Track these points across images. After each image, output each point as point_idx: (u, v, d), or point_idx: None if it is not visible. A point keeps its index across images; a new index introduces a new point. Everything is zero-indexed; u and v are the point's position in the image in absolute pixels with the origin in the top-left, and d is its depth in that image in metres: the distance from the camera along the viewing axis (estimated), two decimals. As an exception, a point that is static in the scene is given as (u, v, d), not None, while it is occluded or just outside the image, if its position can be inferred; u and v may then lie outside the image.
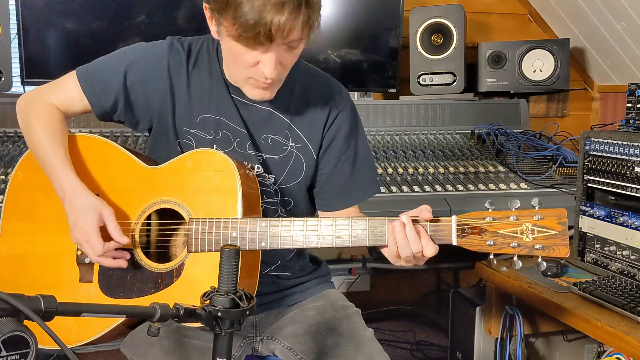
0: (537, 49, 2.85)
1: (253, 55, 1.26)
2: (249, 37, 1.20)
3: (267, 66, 1.26)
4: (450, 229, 1.23)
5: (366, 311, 1.54)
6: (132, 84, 1.44)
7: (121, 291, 1.37)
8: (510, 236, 1.21)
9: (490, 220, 1.21)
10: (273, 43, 1.22)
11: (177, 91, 1.44)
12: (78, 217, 1.33)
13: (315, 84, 1.51)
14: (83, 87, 1.46)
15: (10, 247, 1.45)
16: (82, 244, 1.33)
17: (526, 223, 1.20)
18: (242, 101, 1.45)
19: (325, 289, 1.62)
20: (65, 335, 1.34)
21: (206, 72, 1.45)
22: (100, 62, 1.49)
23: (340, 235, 1.28)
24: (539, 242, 1.20)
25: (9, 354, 0.79)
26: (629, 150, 1.81)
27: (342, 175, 1.50)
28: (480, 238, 1.21)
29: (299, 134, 1.48)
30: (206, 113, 1.45)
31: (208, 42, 1.48)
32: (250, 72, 1.31)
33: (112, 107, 1.46)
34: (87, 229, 1.32)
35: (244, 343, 1.49)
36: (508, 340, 2.08)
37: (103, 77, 1.45)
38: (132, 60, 1.45)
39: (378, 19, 2.76)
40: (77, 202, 1.34)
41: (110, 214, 1.34)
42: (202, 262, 1.33)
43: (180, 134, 1.45)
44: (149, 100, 1.45)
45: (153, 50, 1.47)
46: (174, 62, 1.44)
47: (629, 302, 1.62)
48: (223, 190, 1.34)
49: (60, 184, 1.37)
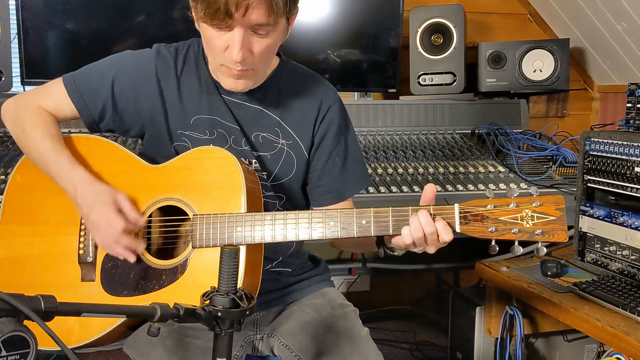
0: (537, 49, 2.85)
1: (223, 40, 1.30)
2: (212, 13, 1.24)
3: (233, 48, 1.29)
4: (453, 217, 1.24)
5: (366, 311, 1.54)
6: (120, 92, 1.46)
7: (124, 289, 1.37)
8: (511, 222, 1.23)
9: (491, 207, 1.24)
10: (234, 20, 1.25)
11: (167, 96, 1.46)
12: (93, 202, 1.34)
13: (304, 82, 1.53)
14: (70, 94, 1.47)
15: (10, 249, 1.45)
16: (101, 225, 1.34)
17: (526, 210, 1.23)
18: (233, 100, 1.47)
19: (324, 287, 1.63)
20: (66, 335, 1.34)
21: (195, 74, 1.48)
22: (88, 69, 1.50)
23: (345, 226, 1.29)
24: (539, 227, 1.22)
25: (9, 354, 0.79)
26: (629, 150, 1.81)
27: (334, 170, 1.52)
28: (482, 225, 1.24)
29: (289, 131, 1.49)
30: (199, 114, 1.46)
31: (194, 44, 1.51)
32: (222, 59, 1.34)
33: (100, 115, 1.47)
34: (105, 208, 1.33)
35: (245, 342, 1.50)
36: (508, 340, 2.08)
37: (91, 85, 1.46)
38: (119, 67, 1.47)
39: (378, 19, 2.76)
40: (90, 191, 1.36)
41: (124, 197, 1.36)
42: (207, 258, 1.33)
43: (175, 137, 1.47)
44: (138, 107, 1.47)
45: (140, 57, 1.49)
46: (162, 67, 1.46)
47: (629, 302, 1.62)
48: (227, 186, 1.35)
49: (70, 179, 1.38)
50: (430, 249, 1.27)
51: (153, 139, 1.50)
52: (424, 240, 1.24)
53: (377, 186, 2.17)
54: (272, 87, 1.48)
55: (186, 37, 1.51)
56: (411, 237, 1.24)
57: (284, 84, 1.50)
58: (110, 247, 1.35)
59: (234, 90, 1.41)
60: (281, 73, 1.50)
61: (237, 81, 1.38)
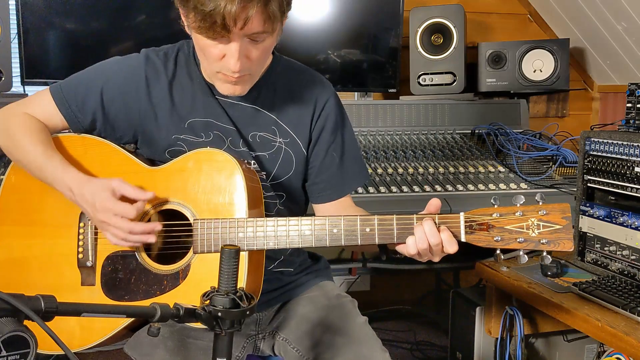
0: (537, 49, 2.84)
1: (218, 49, 1.27)
2: (207, 27, 1.21)
3: (231, 59, 1.27)
4: (458, 226, 1.24)
5: (366, 311, 1.54)
6: (109, 101, 1.44)
7: (125, 294, 1.36)
8: (517, 231, 1.22)
9: (497, 216, 1.23)
10: (232, 34, 1.23)
11: (158, 102, 1.44)
12: (94, 201, 1.31)
13: (298, 78, 1.51)
14: (58, 104, 1.44)
15: (8, 251, 1.43)
16: (110, 219, 1.30)
17: (532, 218, 1.22)
18: (227, 101, 1.45)
19: (320, 281, 1.62)
20: (69, 339, 1.34)
21: (186, 77, 1.45)
22: (75, 79, 1.47)
23: (349, 234, 1.28)
24: (545, 236, 1.21)
25: (9, 354, 0.79)
26: (629, 150, 1.81)
27: (332, 165, 1.51)
28: (487, 234, 1.23)
29: (287, 129, 1.48)
30: (193, 117, 1.44)
31: (184, 47, 1.48)
32: (218, 66, 1.32)
33: (91, 125, 1.46)
34: (108, 204, 1.30)
35: (247, 343, 1.49)
36: (508, 341, 2.08)
37: (79, 95, 1.44)
38: (108, 76, 1.45)
39: (378, 19, 2.76)
40: (87, 191, 1.33)
41: (120, 181, 1.33)
42: (209, 263, 1.32)
43: (169, 142, 1.44)
44: (129, 116, 1.45)
45: (129, 64, 1.46)
46: (151, 73, 1.44)
47: (629, 302, 1.62)
48: (227, 189, 1.34)
49: (65, 183, 1.36)
50: (435, 258, 1.26)
51: (146, 145, 1.48)
52: (429, 251, 1.23)
53: (377, 186, 2.17)
54: (266, 84, 1.46)
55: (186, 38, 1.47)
56: (416, 247, 1.23)
57: (279, 81, 1.49)
58: (126, 239, 1.31)
59: (231, 95, 1.39)
60: (275, 70, 1.48)
61: (234, 87, 1.36)
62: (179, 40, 1.52)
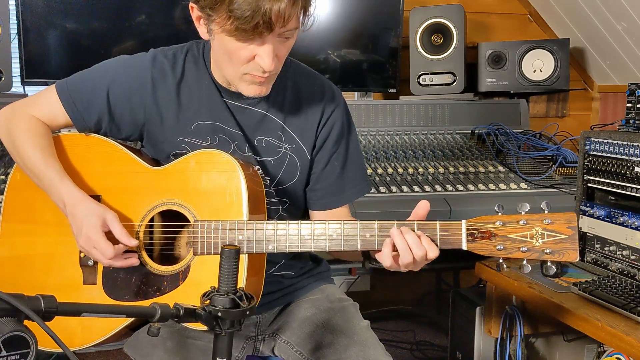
0: (537, 49, 2.85)
1: (249, 50, 1.25)
2: (247, 29, 1.18)
3: (265, 58, 1.25)
4: (460, 234, 1.21)
5: (366, 311, 1.54)
6: (115, 101, 1.42)
7: (126, 294, 1.36)
8: (520, 240, 1.19)
9: (500, 224, 1.20)
10: (271, 33, 1.21)
11: (164, 104, 1.42)
12: (81, 225, 1.32)
13: (307, 84, 1.49)
14: (64, 103, 1.43)
15: (11, 248, 1.44)
16: (90, 250, 1.32)
17: (536, 227, 1.18)
18: (235, 104, 1.44)
19: (322, 284, 1.62)
20: (69, 338, 1.34)
21: (195, 79, 1.43)
22: (81, 77, 1.46)
23: (348, 239, 1.26)
24: (549, 246, 1.18)
25: (9, 354, 0.79)
26: (629, 150, 1.81)
27: (332, 174, 1.50)
28: (490, 242, 1.20)
29: (293, 135, 1.47)
30: (200, 120, 1.43)
31: (193, 47, 1.46)
32: (246, 68, 1.29)
33: (96, 125, 1.45)
34: (93, 235, 1.30)
35: (246, 344, 1.49)
36: (508, 341, 2.08)
37: (85, 94, 1.43)
38: (114, 76, 1.43)
39: (378, 19, 2.76)
40: (78, 211, 1.33)
41: (114, 218, 1.33)
42: (209, 265, 1.32)
43: (174, 145, 1.43)
44: (134, 117, 1.44)
45: (135, 64, 1.44)
46: (158, 75, 1.42)
47: (629, 302, 1.62)
48: (228, 191, 1.33)
49: (60, 195, 1.36)
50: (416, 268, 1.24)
51: (151, 146, 1.47)
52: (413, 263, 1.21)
53: (377, 186, 2.17)
54: (277, 86, 1.42)
55: (187, 38, 1.48)
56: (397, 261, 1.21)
57: (288, 82, 1.47)
58: (108, 264, 1.34)
59: (257, 96, 1.36)
60: (285, 70, 1.44)
61: (261, 87, 1.33)
62: (179, 40, 1.51)
